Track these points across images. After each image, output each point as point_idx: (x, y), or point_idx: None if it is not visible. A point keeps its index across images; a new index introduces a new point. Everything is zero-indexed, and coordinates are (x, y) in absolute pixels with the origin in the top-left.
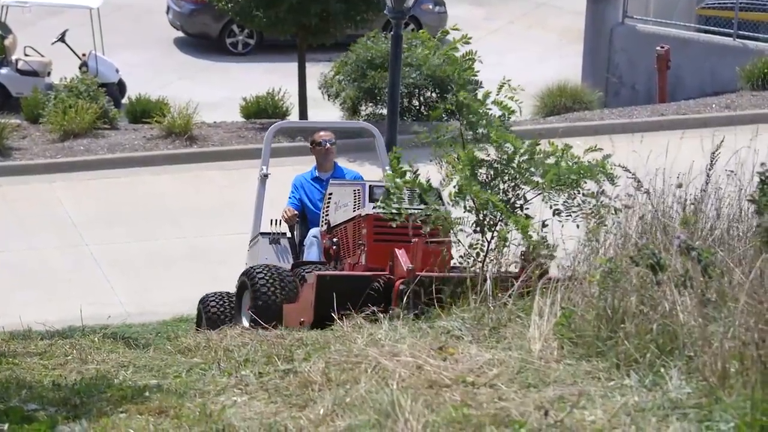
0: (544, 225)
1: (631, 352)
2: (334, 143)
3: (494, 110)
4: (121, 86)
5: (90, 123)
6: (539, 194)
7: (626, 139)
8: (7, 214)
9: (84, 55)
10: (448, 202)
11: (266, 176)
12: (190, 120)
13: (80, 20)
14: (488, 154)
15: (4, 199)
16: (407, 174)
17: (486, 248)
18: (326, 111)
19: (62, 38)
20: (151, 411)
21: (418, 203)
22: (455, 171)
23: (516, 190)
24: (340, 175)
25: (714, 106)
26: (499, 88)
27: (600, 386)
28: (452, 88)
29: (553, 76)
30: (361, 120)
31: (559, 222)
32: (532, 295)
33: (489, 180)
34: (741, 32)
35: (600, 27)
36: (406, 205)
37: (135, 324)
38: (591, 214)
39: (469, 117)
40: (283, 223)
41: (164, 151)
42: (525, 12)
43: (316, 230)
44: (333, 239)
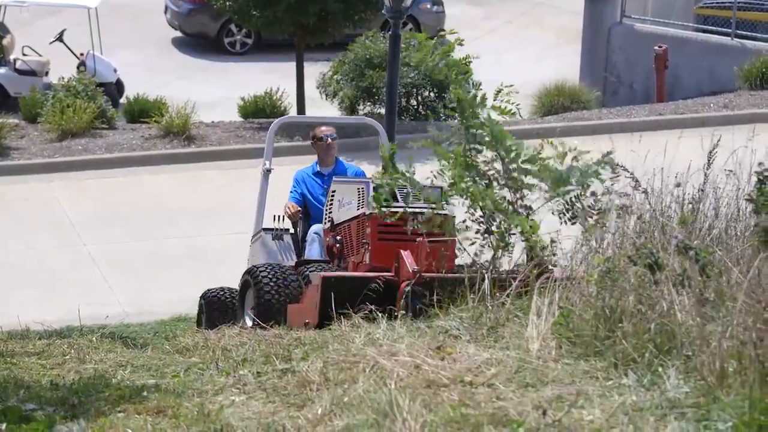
0: (554, 240)
1: (629, 352)
2: (335, 138)
3: (493, 114)
4: (119, 86)
5: (88, 123)
6: (544, 199)
7: (624, 138)
8: (5, 213)
9: (82, 54)
10: (447, 203)
11: (269, 171)
12: (188, 120)
13: (78, 20)
14: (486, 157)
15: (3, 199)
16: (405, 172)
17: (494, 248)
18: (324, 110)
19: (60, 38)
20: (149, 410)
21: (422, 202)
22: (450, 167)
23: (516, 193)
24: (341, 171)
25: (712, 105)
26: (496, 93)
27: (598, 386)
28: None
29: (551, 75)
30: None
31: (564, 223)
32: (530, 294)
33: (488, 180)
34: (739, 32)
35: (598, 26)
36: (409, 204)
37: (133, 324)
38: (597, 216)
39: (466, 117)
40: (285, 218)
41: (162, 150)
42: (523, 11)
43: (318, 227)
44: (336, 237)
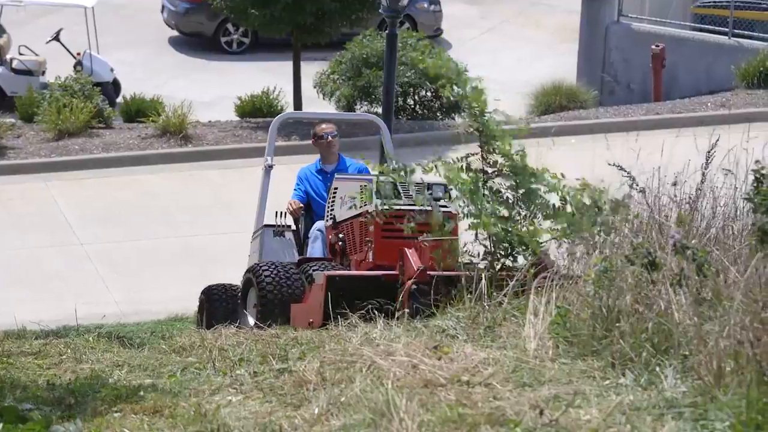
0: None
1: (627, 351)
2: (336, 135)
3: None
4: (115, 85)
5: (85, 122)
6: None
7: (621, 137)
8: (1, 213)
9: (79, 54)
10: (450, 200)
11: (271, 167)
12: (185, 119)
13: (75, 19)
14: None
15: None
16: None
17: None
18: (321, 110)
19: (57, 37)
20: (145, 410)
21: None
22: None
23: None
24: (344, 167)
25: (709, 104)
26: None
27: (595, 385)
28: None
29: (548, 74)
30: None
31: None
32: (527, 294)
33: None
34: (736, 31)
35: (595, 26)
36: (412, 202)
37: (130, 323)
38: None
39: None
40: (288, 215)
41: (159, 150)
42: (519, 11)
43: (321, 224)
44: (339, 235)
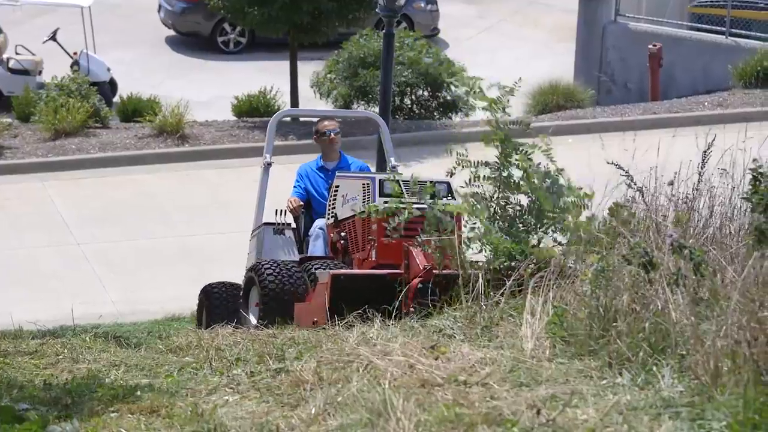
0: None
1: (624, 351)
2: (338, 133)
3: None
4: (112, 85)
5: (81, 122)
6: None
7: (618, 137)
8: None
9: (75, 53)
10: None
11: (269, 165)
12: (182, 119)
13: (71, 19)
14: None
15: None
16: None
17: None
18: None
19: (53, 37)
20: (142, 410)
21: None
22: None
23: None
24: (345, 165)
25: (706, 104)
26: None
27: (592, 385)
28: (446, 86)
29: (545, 74)
30: (354, 119)
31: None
32: (524, 293)
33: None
34: (733, 30)
35: (592, 25)
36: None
37: (126, 323)
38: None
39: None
40: (287, 213)
41: (156, 149)
42: (516, 10)
43: (322, 222)
44: (341, 233)
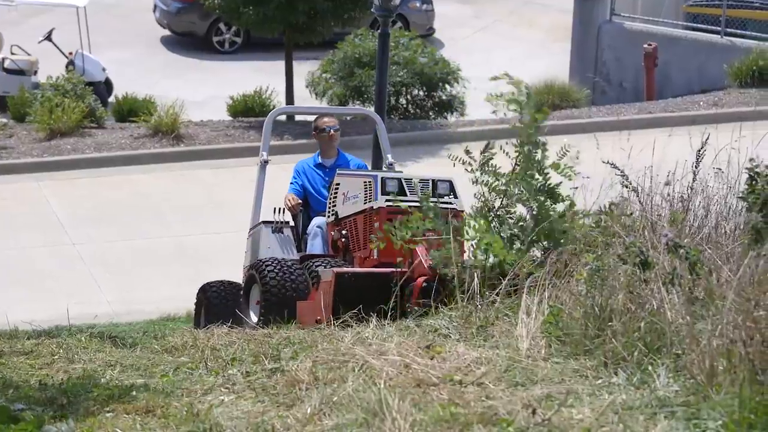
0: None
1: (619, 351)
2: (337, 130)
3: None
4: (107, 85)
5: (77, 122)
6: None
7: (614, 136)
8: None
9: (71, 53)
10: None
11: (266, 162)
12: (177, 119)
13: (67, 19)
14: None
15: None
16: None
17: None
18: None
19: (49, 37)
20: (138, 410)
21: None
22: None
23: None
24: (343, 162)
25: (702, 103)
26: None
27: (588, 384)
28: (440, 86)
29: (541, 73)
30: (349, 118)
31: None
32: (519, 293)
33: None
34: (729, 29)
35: (587, 25)
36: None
37: (122, 323)
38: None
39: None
40: (286, 211)
41: (151, 149)
42: (512, 10)
43: (320, 220)
44: (342, 231)
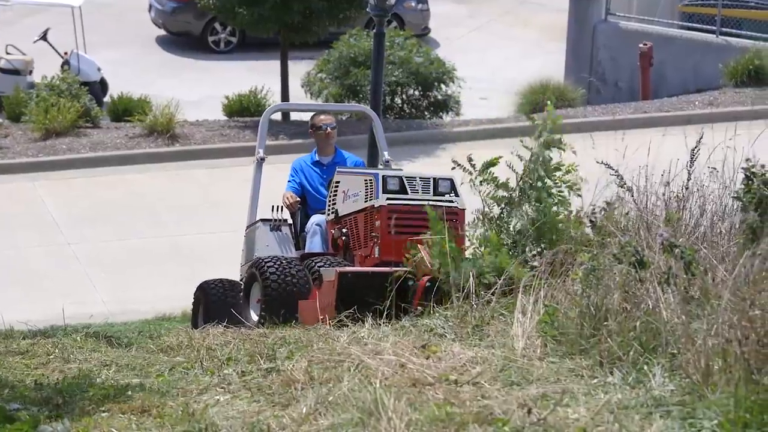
0: None
1: (615, 350)
2: (334, 127)
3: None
4: (103, 85)
5: (72, 121)
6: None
7: (609, 136)
8: None
9: (66, 53)
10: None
11: (263, 159)
12: (173, 118)
13: (62, 19)
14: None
15: None
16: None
17: None
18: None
19: (44, 37)
20: (133, 410)
21: (432, 195)
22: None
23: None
24: (341, 160)
25: (697, 103)
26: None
27: (583, 384)
28: (435, 86)
29: (536, 73)
30: (344, 118)
31: None
32: (515, 292)
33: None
34: (724, 29)
35: (583, 24)
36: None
37: (117, 323)
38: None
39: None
40: (284, 209)
41: (146, 149)
42: (507, 9)
43: (318, 218)
44: (342, 229)
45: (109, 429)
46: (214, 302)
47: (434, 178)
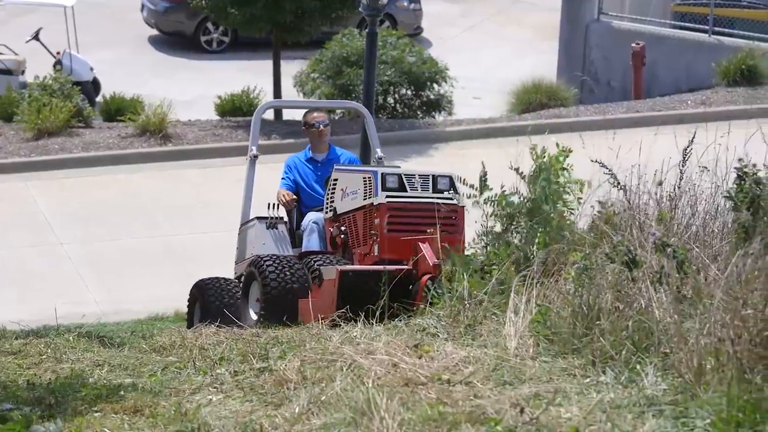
0: None
1: (607, 349)
2: (327, 125)
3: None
4: (95, 84)
5: (64, 121)
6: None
7: (601, 135)
8: None
9: (58, 53)
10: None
11: (255, 157)
12: (165, 118)
13: (54, 18)
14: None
15: None
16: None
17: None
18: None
19: (36, 36)
20: (126, 410)
21: (431, 192)
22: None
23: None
24: (335, 157)
25: (689, 102)
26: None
27: (576, 383)
28: (428, 85)
29: (528, 72)
30: (337, 117)
31: None
32: (507, 292)
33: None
34: (716, 28)
35: (575, 23)
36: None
37: (110, 323)
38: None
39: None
40: (280, 207)
41: (139, 149)
42: (500, 9)
43: (314, 215)
44: (341, 228)
45: (102, 429)
46: (212, 301)
47: (433, 176)
